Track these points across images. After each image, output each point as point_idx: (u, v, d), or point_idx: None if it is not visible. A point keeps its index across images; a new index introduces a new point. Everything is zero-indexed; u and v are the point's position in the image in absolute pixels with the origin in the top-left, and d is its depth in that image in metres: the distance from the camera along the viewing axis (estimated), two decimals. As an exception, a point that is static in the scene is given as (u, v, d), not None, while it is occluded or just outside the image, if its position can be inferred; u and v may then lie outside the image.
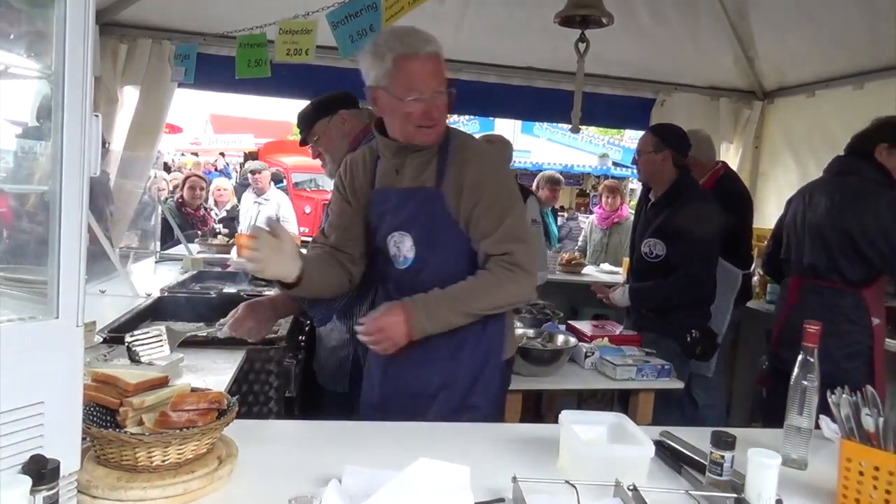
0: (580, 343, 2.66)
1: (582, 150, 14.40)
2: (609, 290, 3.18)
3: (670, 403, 2.83)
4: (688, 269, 2.84)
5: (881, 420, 1.23)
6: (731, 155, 5.10)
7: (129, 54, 4.20)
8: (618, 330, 2.90)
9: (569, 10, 2.67)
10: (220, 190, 6.49)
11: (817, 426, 1.47)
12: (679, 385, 2.61)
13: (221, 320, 1.94)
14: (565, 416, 1.37)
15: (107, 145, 3.98)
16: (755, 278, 4.15)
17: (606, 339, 2.74)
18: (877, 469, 1.22)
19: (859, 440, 1.26)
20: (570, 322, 2.97)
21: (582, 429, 1.38)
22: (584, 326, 2.91)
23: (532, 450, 1.43)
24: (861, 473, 1.24)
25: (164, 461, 1.12)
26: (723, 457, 1.24)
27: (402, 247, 1.74)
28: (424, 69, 1.64)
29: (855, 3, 3.66)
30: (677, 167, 3.00)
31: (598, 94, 4.80)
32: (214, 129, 19.06)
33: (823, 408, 1.41)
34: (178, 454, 1.13)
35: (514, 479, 1.18)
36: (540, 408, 3.36)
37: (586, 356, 2.62)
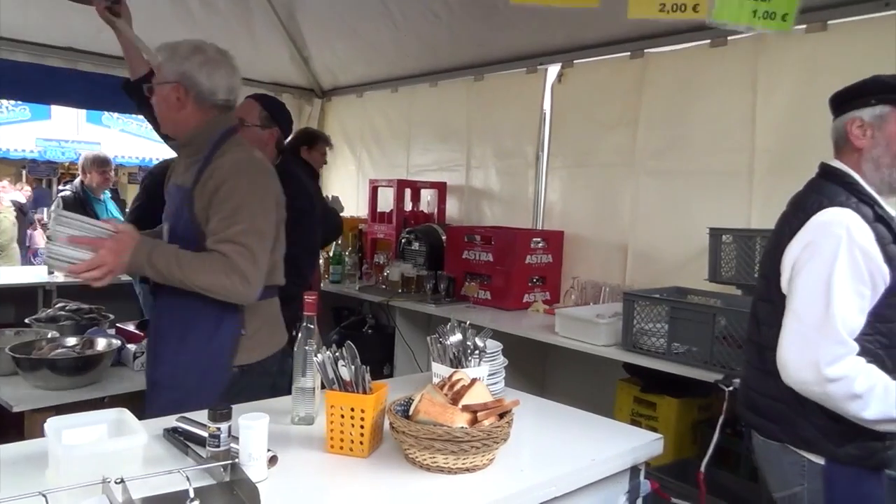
0: (128, 345, 2.51)
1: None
2: None
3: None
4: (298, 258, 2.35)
5: (353, 368, 1.46)
6: (297, 148, 5.43)
7: None
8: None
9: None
10: None
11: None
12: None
13: None
14: (51, 422, 1.26)
15: None
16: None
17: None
18: (353, 409, 1.44)
19: (339, 388, 1.47)
20: (117, 325, 2.77)
21: (77, 432, 1.29)
22: (133, 327, 2.75)
23: (20, 468, 1.28)
24: (342, 416, 1.45)
25: None
26: (219, 429, 1.30)
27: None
28: None
29: (382, 22, 4.23)
30: (278, 150, 2.65)
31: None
32: None
33: None
34: None
35: (-30, 506, 1.04)
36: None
37: (135, 357, 2.48)
